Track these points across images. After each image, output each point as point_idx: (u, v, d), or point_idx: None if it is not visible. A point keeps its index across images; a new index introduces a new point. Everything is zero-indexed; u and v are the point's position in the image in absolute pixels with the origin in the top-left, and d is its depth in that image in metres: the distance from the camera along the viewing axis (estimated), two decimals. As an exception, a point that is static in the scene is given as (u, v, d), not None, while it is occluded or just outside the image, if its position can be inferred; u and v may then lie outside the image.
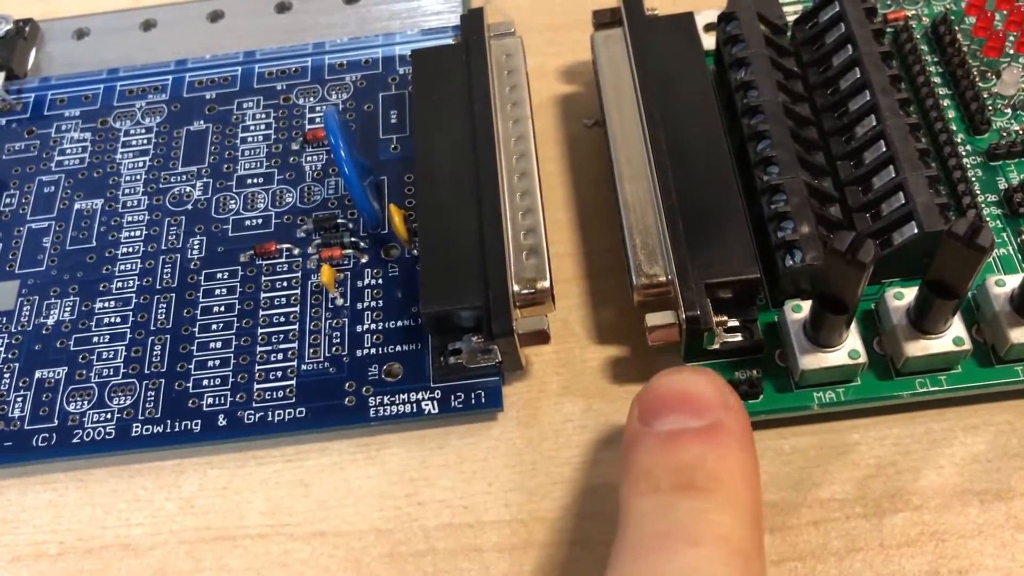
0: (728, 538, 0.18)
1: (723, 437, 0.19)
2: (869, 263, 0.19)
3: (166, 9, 0.34)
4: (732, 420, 0.20)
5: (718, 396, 0.20)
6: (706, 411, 0.20)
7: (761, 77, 0.25)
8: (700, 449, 0.19)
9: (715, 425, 0.19)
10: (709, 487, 0.18)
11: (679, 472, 0.19)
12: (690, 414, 0.20)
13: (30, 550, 0.24)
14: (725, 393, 0.20)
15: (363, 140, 0.29)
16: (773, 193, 0.24)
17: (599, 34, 0.28)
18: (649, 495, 0.19)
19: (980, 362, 0.23)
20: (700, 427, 0.19)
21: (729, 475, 0.19)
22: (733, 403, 0.20)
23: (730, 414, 0.20)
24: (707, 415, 0.20)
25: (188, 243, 0.28)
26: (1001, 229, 0.25)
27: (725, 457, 0.19)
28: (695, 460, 0.19)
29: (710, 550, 0.18)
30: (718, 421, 0.19)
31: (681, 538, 0.18)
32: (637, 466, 0.19)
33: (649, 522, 0.18)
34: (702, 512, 0.18)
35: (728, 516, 0.18)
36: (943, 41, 0.28)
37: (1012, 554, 0.22)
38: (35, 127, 0.31)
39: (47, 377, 0.26)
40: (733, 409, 0.20)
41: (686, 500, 0.18)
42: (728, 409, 0.20)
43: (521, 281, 0.24)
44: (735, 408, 0.20)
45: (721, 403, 0.20)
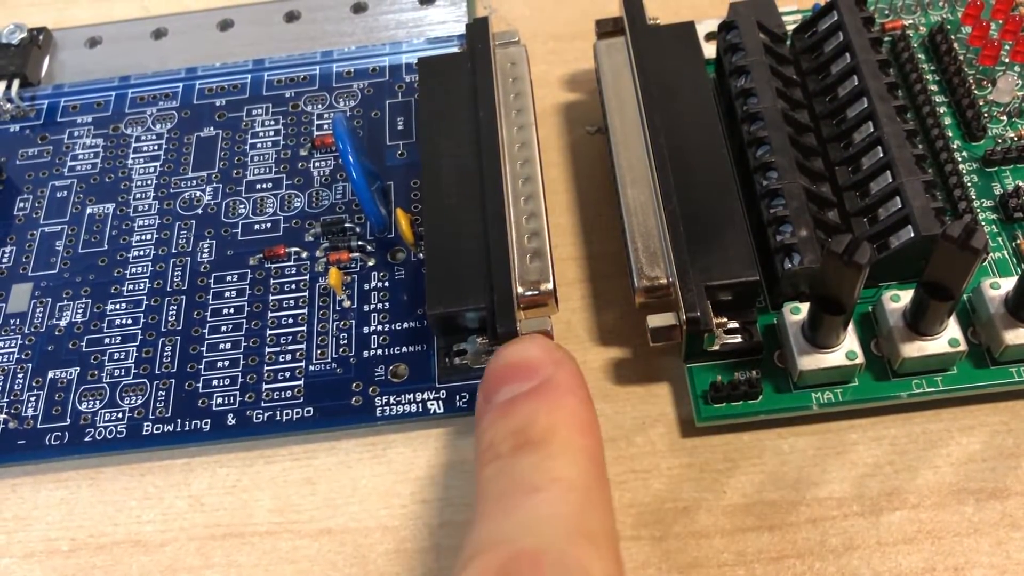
0: (563, 478, 0.18)
1: (552, 391, 0.20)
2: (865, 265, 0.20)
3: (177, 18, 0.34)
4: (562, 373, 0.20)
5: (546, 355, 0.21)
6: (535, 371, 0.21)
7: (761, 84, 0.26)
8: (532, 406, 0.20)
9: (544, 382, 0.20)
10: (544, 439, 0.19)
11: (515, 434, 0.20)
12: (522, 379, 0.21)
13: (43, 547, 0.24)
14: (552, 351, 0.21)
15: (370, 146, 0.30)
16: (772, 197, 0.24)
17: (601, 43, 0.29)
18: (492, 463, 0.20)
19: (975, 363, 0.24)
20: (531, 388, 0.20)
21: (563, 424, 0.19)
22: (561, 357, 0.21)
23: (559, 368, 0.21)
24: (536, 375, 0.20)
25: (198, 247, 0.28)
26: (996, 234, 0.26)
27: (556, 408, 0.20)
28: (527, 418, 0.20)
29: (546, 494, 0.18)
30: (547, 378, 0.20)
31: (520, 490, 0.19)
32: (481, 441, 0.20)
33: (493, 486, 0.19)
34: (538, 462, 0.19)
35: (563, 460, 0.19)
36: (940, 50, 0.29)
37: (1007, 551, 0.22)
38: (48, 133, 0.32)
39: (60, 377, 0.26)
40: (562, 363, 0.21)
41: (524, 457, 0.19)
42: (557, 364, 0.21)
43: (525, 283, 0.24)
44: (564, 362, 0.21)
45: (549, 361, 0.21)
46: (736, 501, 0.23)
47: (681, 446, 0.24)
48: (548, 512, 0.18)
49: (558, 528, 0.18)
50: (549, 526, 0.18)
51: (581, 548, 0.17)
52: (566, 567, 0.17)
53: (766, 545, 0.23)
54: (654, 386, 0.25)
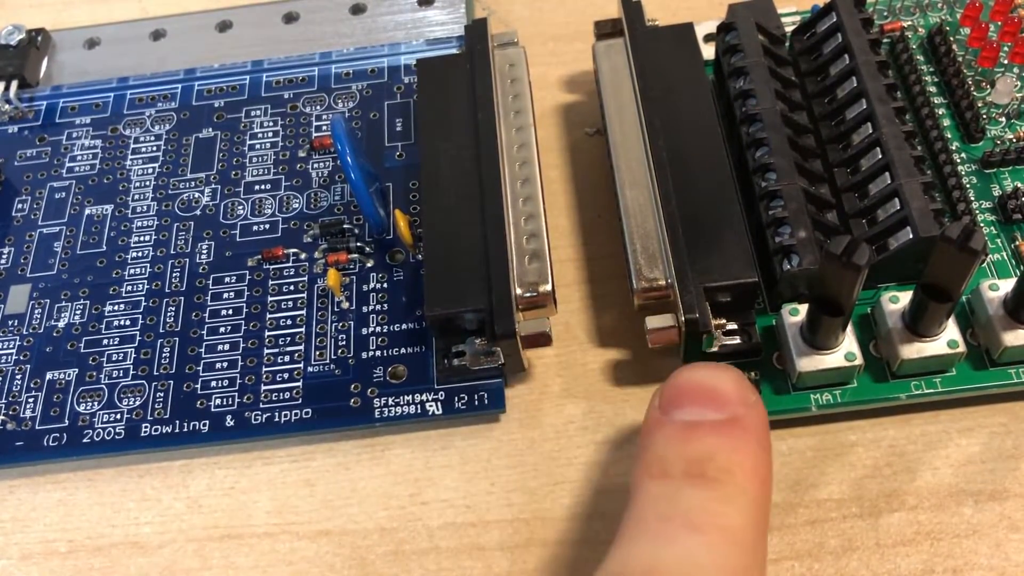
0: (730, 528, 0.18)
1: (739, 432, 0.19)
2: (864, 266, 0.20)
3: (175, 19, 0.34)
4: (751, 416, 0.20)
5: (738, 392, 0.20)
6: (725, 405, 0.20)
7: (760, 86, 0.26)
8: (715, 440, 0.19)
9: (732, 419, 0.20)
10: (719, 478, 0.19)
11: (691, 461, 0.19)
12: (709, 407, 0.20)
13: (40, 548, 0.24)
14: (745, 390, 0.20)
15: (369, 147, 0.30)
16: (771, 199, 0.24)
17: (600, 44, 0.29)
18: (659, 480, 0.19)
19: (974, 365, 0.24)
20: (717, 420, 0.20)
21: (741, 469, 0.19)
22: (753, 400, 0.20)
23: (750, 411, 0.20)
24: (726, 409, 0.20)
25: (197, 248, 0.28)
26: (995, 235, 0.26)
27: (739, 451, 0.19)
28: (708, 451, 0.19)
29: (710, 538, 0.18)
30: (736, 416, 0.20)
31: (683, 524, 0.18)
32: (651, 451, 0.20)
33: (655, 505, 0.19)
34: (708, 501, 0.18)
35: (734, 508, 0.18)
36: (938, 51, 0.29)
37: (1006, 553, 0.22)
38: (47, 134, 0.32)
39: (58, 378, 0.26)
40: (753, 406, 0.20)
41: (694, 488, 0.18)
42: (748, 406, 0.20)
43: (524, 284, 0.24)
44: (755, 405, 0.20)
45: (740, 399, 0.20)
46: (735, 503, 0.23)
47: (680, 448, 0.24)
48: (706, 559, 0.17)
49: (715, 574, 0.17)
50: (705, 572, 0.17)
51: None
52: None
53: (765, 547, 0.23)
54: (653, 387, 0.25)
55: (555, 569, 0.23)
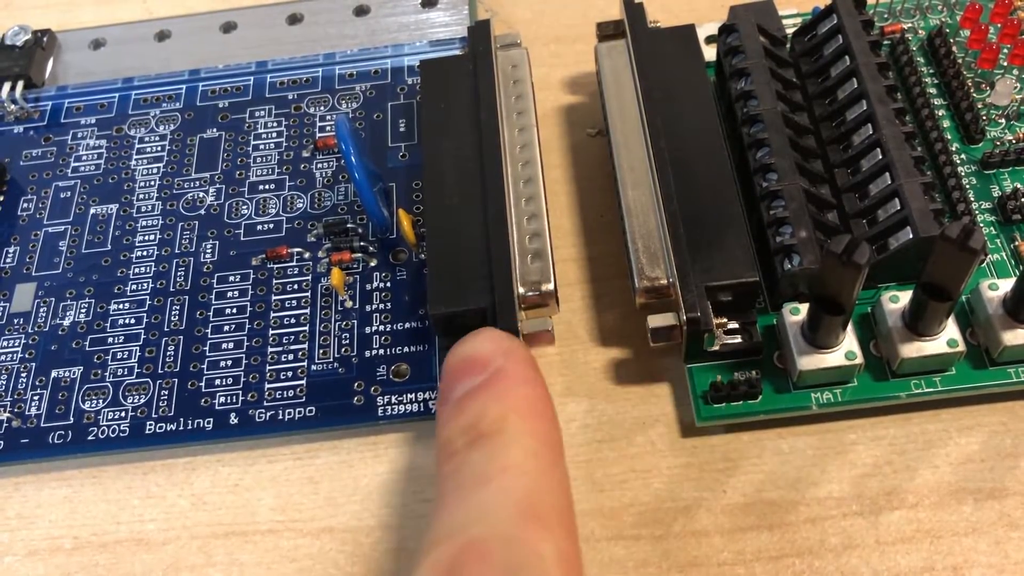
0: (511, 466, 0.19)
1: (501, 381, 0.20)
2: (864, 265, 0.20)
3: (180, 20, 0.35)
4: (511, 363, 0.21)
5: (493, 347, 0.21)
6: (485, 365, 0.21)
7: (761, 87, 0.26)
8: (483, 399, 0.20)
9: (494, 373, 0.21)
10: (495, 430, 0.19)
11: (469, 429, 0.20)
12: (475, 373, 0.21)
13: (46, 544, 0.24)
14: (500, 341, 0.21)
15: (372, 148, 0.30)
16: (772, 199, 0.25)
17: (602, 45, 0.29)
18: (448, 461, 0.20)
19: (974, 364, 0.24)
20: (482, 380, 0.20)
21: (514, 411, 0.20)
22: (510, 347, 0.21)
23: (508, 358, 0.21)
24: (487, 368, 0.21)
25: (201, 247, 0.28)
26: (995, 236, 0.26)
27: (506, 397, 0.20)
28: (479, 411, 0.20)
29: (495, 483, 0.18)
30: (497, 369, 0.21)
31: (472, 484, 0.19)
32: (439, 440, 0.20)
33: (449, 482, 0.19)
34: (489, 455, 0.19)
35: (514, 448, 0.19)
36: (938, 53, 0.29)
37: (1005, 551, 0.22)
38: (52, 134, 0.32)
39: (63, 376, 0.26)
40: (511, 352, 0.21)
41: (477, 451, 0.19)
42: (506, 354, 0.21)
43: (526, 283, 0.24)
44: (513, 350, 0.21)
45: (497, 352, 0.21)
46: (736, 500, 0.23)
47: (681, 446, 0.24)
48: (496, 499, 0.18)
49: (505, 514, 0.18)
50: (497, 513, 0.18)
51: (530, 531, 0.17)
52: (514, 552, 0.17)
53: (765, 544, 0.23)
54: (654, 386, 0.25)
55: (557, 566, 0.23)
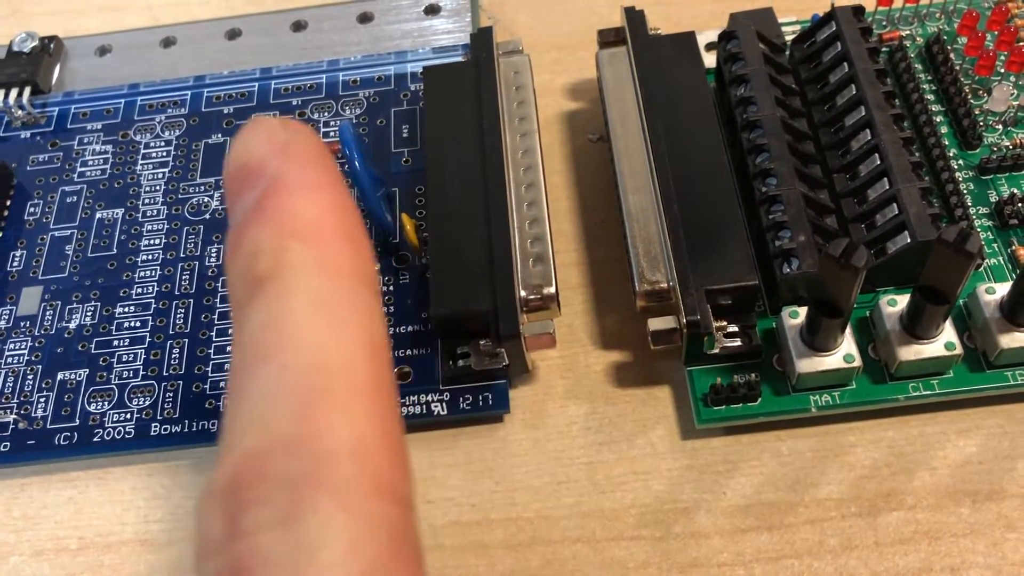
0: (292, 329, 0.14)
1: (278, 193, 0.15)
2: (862, 268, 0.20)
3: (185, 27, 0.35)
4: (289, 164, 0.15)
5: (267, 144, 0.16)
6: (260, 172, 0.15)
7: (760, 93, 0.26)
8: (258, 227, 0.15)
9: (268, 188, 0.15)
10: (272, 273, 0.14)
11: (246, 271, 0.15)
12: (251, 186, 0.15)
13: (52, 545, 0.25)
14: (275, 133, 0.16)
15: (375, 153, 0.30)
16: (771, 204, 0.25)
17: (604, 52, 0.30)
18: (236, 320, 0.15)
19: (971, 367, 0.24)
20: (255, 201, 0.15)
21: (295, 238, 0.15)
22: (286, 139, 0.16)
23: (286, 158, 0.15)
24: (260, 180, 0.15)
25: (206, 251, 0.29)
26: (992, 240, 0.26)
27: (283, 218, 0.15)
28: (254, 245, 0.15)
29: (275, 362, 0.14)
30: (272, 179, 0.15)
31: (251, 363, 0.14)
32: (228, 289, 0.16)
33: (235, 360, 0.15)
34: (266, 315, 0.14)
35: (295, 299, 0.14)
36: (936, 60, 0.29)
37: (1002, 552, 0.22)
38: (59, 139, 0.32)
39: (69, 378, 0.27)
40: (287, 148, 0.16)
41: (255, 307, 0.14)
42: (283, 152, 0.15)
43: (528, 287, 0.24)
44: (291, 143, 0.16)
45: (272, 150, 0.15)
46: (735, 502, 0.24)
47: (681, 448, 0.25)
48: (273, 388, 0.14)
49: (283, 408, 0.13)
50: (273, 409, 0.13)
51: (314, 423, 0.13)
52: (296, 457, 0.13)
53: (765, 545, 0.23)
54: (655, 389, 0.26)
55: (558, 568, 0.23)
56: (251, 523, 0.13)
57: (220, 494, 0.13)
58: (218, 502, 0.13)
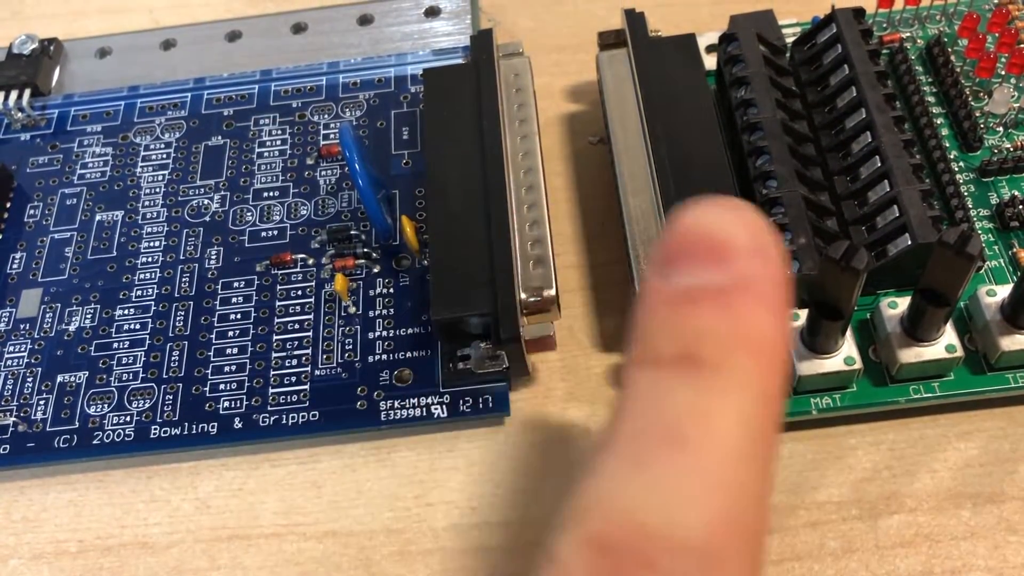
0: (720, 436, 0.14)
1: (742, 296, 0.15)
2: (863, 270, 0.20)
3: (185, 29, 0.35)
4: (761, 274, 0.15)
5: (750, 240, 0.15)
6: (731, 261, 0.15)
7: (761, 95, 0.26)
8: (710, 313, 0.15)
9: (737, 282, 0.15)
10: (716, 363, 0.15)
11: (682, 340, 0.15)
12: (712, 265, 0.15)
13: (51, 548, 0.25)
14: (757, 233, 0.16)
15: (376, 155, 0.30)
16: (772, 206, 0.25)
17: (604, 54, 0.29)
18: (645, 368, 0.15)
19: (972, 369, 0.24)
20: (719, 283, 0.15)
21: (745, 348, 0.15)
22: (765, 244, 0.16)
23: (757, 263, 0.15)
24: (732, 267, 0.15)
25: (206, 253, 0.29)
26: (993, 242, 0.26)
27: (740, 321, 0.15)
28: (704, 325, 0.15)
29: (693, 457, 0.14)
30: (743, 276, 0.15)
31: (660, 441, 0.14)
32: (641, 327, 0.16)
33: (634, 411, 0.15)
34: (698, 397, 0.14)
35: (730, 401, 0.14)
36: (937, 62, 0.29)
37: (1003, 555, 0.22)
38: (58, 142, 0.32)
39: (69, 381, 0.27)
40: (765, 253, 0.15)
41: (683, 380, 0.15)
42: (758, 255, 0.15)
43: (528, 289, 0.24)
44: (768, 250, 0.16)
45: (752, 249, 0.15)
46: (736, 505, 0.24)
47: (682, 451, 0.25)
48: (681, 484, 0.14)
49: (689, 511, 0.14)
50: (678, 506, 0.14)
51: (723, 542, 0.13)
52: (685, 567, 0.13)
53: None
54: (655, 391, 0.26)
55: (558, 570, 0.23)
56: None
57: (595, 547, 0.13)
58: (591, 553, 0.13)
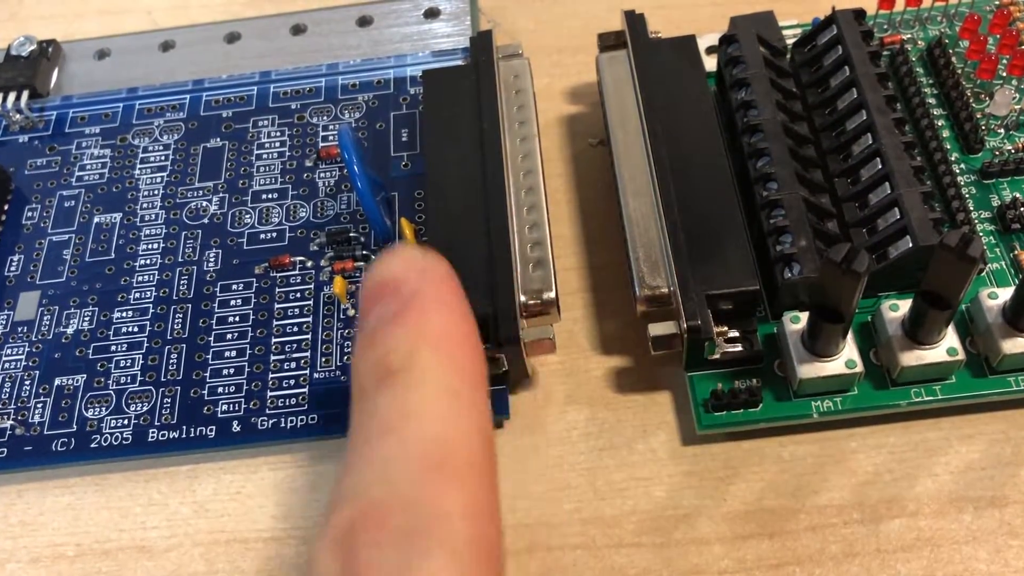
0: (417, 411, 0.16)
1: (414, 308, 0.18)
2: (864, 273, 0.20)
3: (184, 31, 0.35)
4: (427, 284, 0.18)
5: (409, 266, 0.19)
6: (399, 289, 0.18)
7: (761, 97, 0.26)
8: (394, 331, 0.18)
9: (408, 299, 0.18)
10: (404, 366, 0.17)
11: (377, 366, 0.17)
12: (387, 299, 0.18)
13: (49, 552, 0.25)
14: (415, 259, 0.19)
15: (375, 157, 0.30)
16: (772, 208, 0.25)
17: (604, 56, 0.29)
18: (358, 404, 0.18)
19: (974, 372, 0.24)
20: (395, 309, 0.18)
21: (427, 345, 0.17)
22: (426, 264, 0.19)
23: (424, 279, 0.18)
24: (401, 293, 0.18)
25: (204, 255, 0.29)
26: (994, 245, 0.26)
27: (418, 327, 0.18)
28: (389, 344, 0.18)
29: (399, 433, 0.16)
30: (411, 293, 0.18)
31: (378, 432, 0.17)
32: (352, 377, 0.18)
33: (357, 433, 0.17)
34: (396, 397, 0.17)
35: (422, 390, 0.17)
36: (938, 64, 0.29)
37: (1005, 559, 0.22)
38: (57, 144, 0.32)
39: (66, 384, 0.26)
40: (427, 271, 0.19)
41: (383, 394, 0.17)
42: (422, 274, 0.19)
43: (528, 292, 0.24)
44: (429, 269, 0.19)
45: (412, 271, 0.19)
46: (736, 508, 0.23)
47: (682, 454, 0.24)
48: (398, 453, 0.16)
49: (407, 470, 0.16)
50: (398, 470, 0.16)
51: (434, 487, 0.16)
52: (413, 514, 0.15)
53: (766, 552, 0.23)
54: (655, 394, 0.26)
55: (558, 574, 0.23)
56: (367, 564, 0.15)
57: (338, 539, 0.15)
58: (335, 546, 0.15)
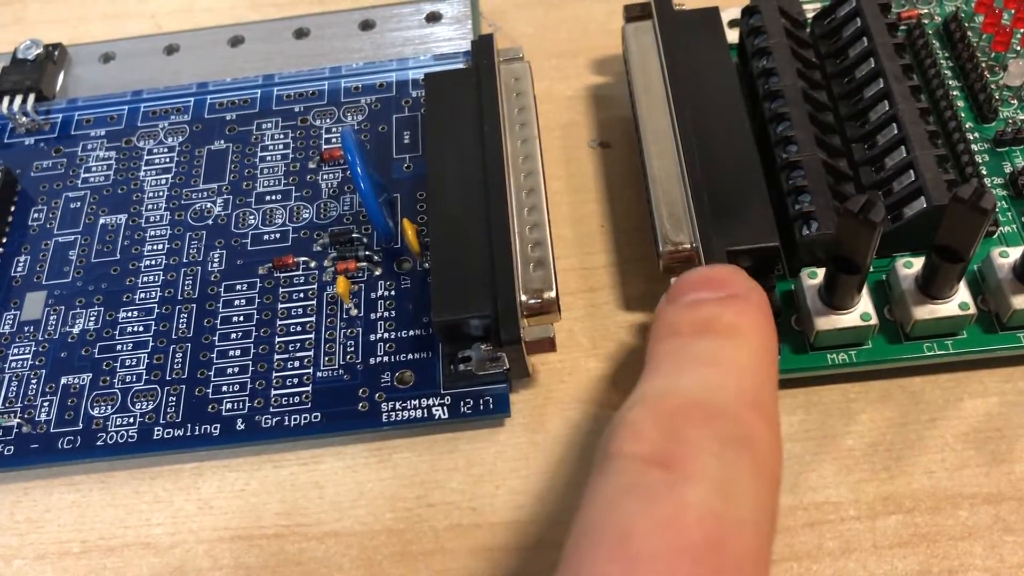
0: (739, 362, 0.19)
1: (742, 301, 0.20)
2: (879, 223, 0.21)
3: (188, 35, 0.35)
4: (751, 294, 0.21)
5: (738, 278, 0.21)
6: (726, 286, 0.21)
7: (782, 64, 0.27)
8: (719, 308, 0.20)
9: (735, 294, 0.21)
10: (726, 332, 0.20)
11: (698, 323, 0.20)
12: (713, 290, 0.21)
13: (55, 548, 0.25)
14: (746, 277, 0.21)
15: (377, 159, 0.30)
16: (792, 169, 0.25)
17: (630, 26, 0.30)
18: (670, 339, 0.20)
19: (985, 328, 0.24)
20: (721, 296, 0.21)
21: (748, 324, 0.20)
22: (756, 285, 0.21)
23: (752, 291, 0.21)
24: (726, 289, 0.21)
25: (209, 256, 0.29)
26: (1006, 209, 0.26)
27: (743, 313, 0.20)
28: (713, 314, 0.20)
29: (721, 369, 0.19)
30: (737, 291, 0.21)
31: (695, 362, 0.19)
32: (660, 323, 0.21)
33: (668, 356, 0.20)
34: (717, 346, 0.19)
35: (743, 351, 0.19)
36: (954, 37, 0.29)
37: (1000, 555, 0.22)
38: (62, 146, 0.32)
39: (72, 383, 0.27)
40: (755, 289, 0.21)
41: (703, 339, 0.19)
42: (750, 288, 0.21)
43: (528, 291, 0.24)
44: (754, 288, 0.21)
45: (743, 283, 0.21)
46: (735, 505, 0.24)
47: (681, 451, 0.25)
48: (723, 381, 0.18)
49: (731, 394, 0.18)
50: (722, 390, 0.18)
51: (752, 414, 0.18)
52: (738, 427, 0.17)
53: (765, 548, 0.23)
54: (655, 393, 0.26)
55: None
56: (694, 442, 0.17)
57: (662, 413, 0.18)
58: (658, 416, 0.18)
